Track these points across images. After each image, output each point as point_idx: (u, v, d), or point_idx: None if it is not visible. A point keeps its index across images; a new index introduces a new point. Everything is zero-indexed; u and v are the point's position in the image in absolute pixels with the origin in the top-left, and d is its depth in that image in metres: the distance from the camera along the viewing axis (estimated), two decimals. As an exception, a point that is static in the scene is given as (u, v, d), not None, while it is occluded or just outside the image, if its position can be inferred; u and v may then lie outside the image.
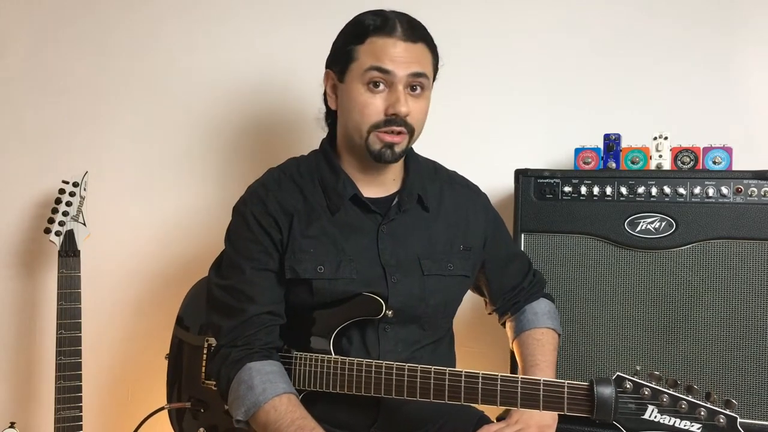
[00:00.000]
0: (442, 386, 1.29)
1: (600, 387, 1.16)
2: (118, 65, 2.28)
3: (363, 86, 1.38)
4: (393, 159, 1.41)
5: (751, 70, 1.91)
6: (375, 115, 1.37)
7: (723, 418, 1.13)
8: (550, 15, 2.03)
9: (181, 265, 2.22)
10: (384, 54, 1.36)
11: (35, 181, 2.25)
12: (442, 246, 1.49)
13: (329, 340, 1.39)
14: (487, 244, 1.56)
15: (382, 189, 1.49)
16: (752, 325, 1.58)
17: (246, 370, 1.34)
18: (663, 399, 1.15)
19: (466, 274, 1.51)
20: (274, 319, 1.41)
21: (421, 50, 1.40)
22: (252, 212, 1.44)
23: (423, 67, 1.39)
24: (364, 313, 1.39)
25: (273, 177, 1.50)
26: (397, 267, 1.43)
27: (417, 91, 1.39)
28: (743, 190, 1.58)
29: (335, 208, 1.44)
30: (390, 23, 1.38)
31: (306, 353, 1.39)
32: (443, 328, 1.53)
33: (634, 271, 1.66)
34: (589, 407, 1.17)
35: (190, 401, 1.61)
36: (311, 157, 1.53)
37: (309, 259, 1.41)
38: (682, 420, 1.14)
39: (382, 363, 1.33)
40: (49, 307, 2.14)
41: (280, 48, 2.20)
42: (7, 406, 2.27)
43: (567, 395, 1.20)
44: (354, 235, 1.44)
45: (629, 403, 1.16)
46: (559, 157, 1.98)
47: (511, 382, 1.25)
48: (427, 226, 1.49)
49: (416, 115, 1.40)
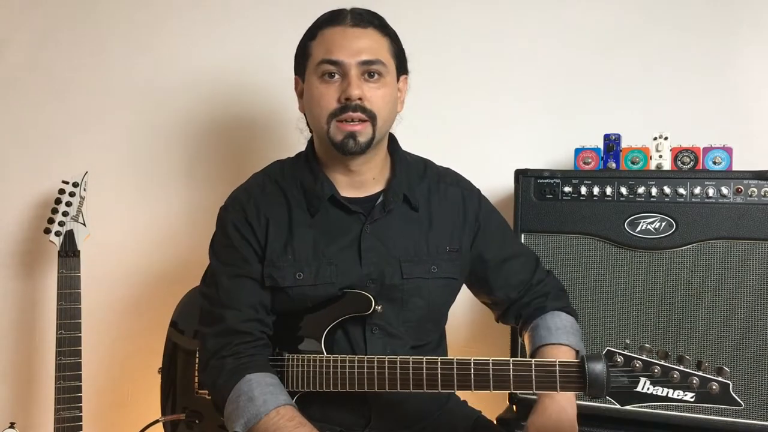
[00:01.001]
0: (434, 375, 1.27)
1: (591, 363, 1.16)
2: (118, 65, 2.28)
3: (318, 79, 1.38)
4: (358, 149, 1.37)
5: (751, 71, 1.91)
6: (329, 104, 1.36)
7: (716, 384, 1.13)
8: (550, 15, 2.03)
9: (181, 265, 2.22)
10: (332, 44, 1.36)
11: (35, 181, 2.25)
12: (428, 248, 1.45)
13: (320, 341, 1.38)
14: (476, 241, 1.50)
15: (363, 189, 1.46)
16: (752, 325, 1.58)
17: (246, 381, 1.32)
18: (655, 370, 1.15)
19: (453, 277, 1.47)
20: (256, 327, 1.39)
21: (371, 36, 1.38)
22: (231, 219, 1.44)
23: (375, 53, 1.37)
24: (353, 310, 1.38)
25: (257, 181, 1.49)
26: (376, 270, 1.41)
27: (374, 78, 1.37)
28: (743, 190, 1.58)
29: (314, 210, 1.43)
30: (340, 15, 1.39)
31: (297, 354, 1.39)
32: (432, 332, 1.50)
33: (634, 271, 1.65)
34: (582, 383, 1.17)
35: (185, 413, 1.60)
36: (295, 160, 1.52)
37: (288, 266, 1.40)
38: (674, 390, 1.14)
39: (374, 357, 1.32)
40: (49, 307, 2.14)
41: (281, 49, 2.19)
42: (7, 406, 2.27)
43: (559, 373, 1.20)
44: (335, 237, 1.42)
45: (621, 376, 1.16)
46: (559, 157, 1.98)
47: (503, 365, 1.24)
48: (415, 226, 1.46)
49: (375, 101, 1.36)
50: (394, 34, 1.44)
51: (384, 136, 1.43)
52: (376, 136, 1.38)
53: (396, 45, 1.43)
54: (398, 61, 1.44)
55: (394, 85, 1.42)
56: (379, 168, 1.47)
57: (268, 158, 1.59)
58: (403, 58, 1.46)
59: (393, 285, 1.41)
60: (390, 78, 1.40)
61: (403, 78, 1.47)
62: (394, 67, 1.42)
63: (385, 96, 1.38)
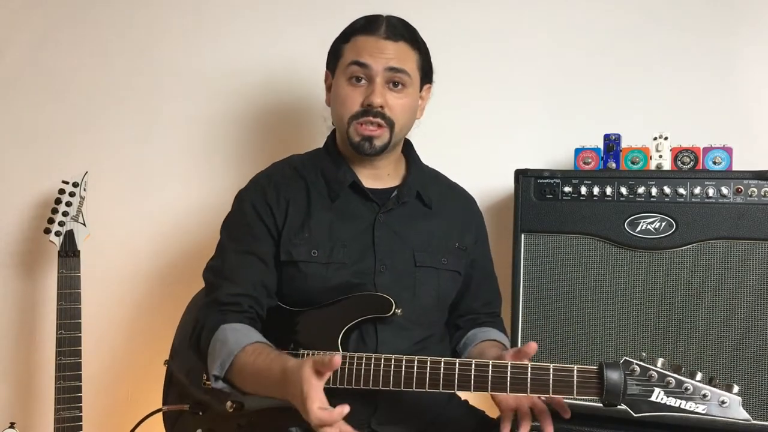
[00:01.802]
0: (451, 376, 1.27)
1: (609, 371, 1.19)
2: (118, 65, 2.28)
3: (346, 80, 1.47)
4: (373, 151, 1.45)
5: (751, 70, 1.91)
6: (353, 106, 1.45)
7: (726, 399, 1.17)
8: (550, 15, 2.03)
9: (182, 265, 2.22)
10: (364, 50, 1.44)
11: (35, 181, 2.25)
12: (438, 240, 1.52)
13: (338, 340, 1.39)
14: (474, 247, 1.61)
15: (380, 182, 1.53)
16: (752, 326, 1.58)
17: (221, 330, 1.37)
18: (669, 382, 1.18)
19: (458, 271, 1.55)
20: (247, 301, 1.42)
21: (401, 48, 1.46)
22: (250, 199, 1.49)
23: (402, 63, 1.45)
24: (373, 311, 1.40)
25: (278, 168, 1.56)
26: (389, 256, 1.46)
27: (398, 87, 1.46)
28: (743, 190, 1.58)
29: (335, 195, 1.49)
30: (375, 24, 1.46)
31: (313, 350, 1.40)
32: (436, 324, 1.54)
33: (634, 271, 1.65)
34: (599, 390, 1.19)
35: (189, 404, 1.60)
36: (314, 153, 1.60)
37: (304, 243, 1.44)
38: (687, 402, 1.17)
39: (391, 356, 1.31)
40: (49, 307, 2.14)
41: (282, 48, 2.20)
42: (7, 406, 2.27)
43: (577, 379, 1.21)
44: (351, 222, 1.48)
45: (637, 386, 1.19)
46: (559, 157, 1.98)
47: (521, 369, 1.24)
48: (426, 220, 1.53)
49: (396, 109, 1.45)
50: (424, 47, 1.52)
51: (400, 140, 1.53)
52: (392, 141, 1.47)
53: (424, 58, 1.52)
54: (423, 73, 1.53)
55: (416, 96, 1.51)
56: (394, 165, 1.56)
57: (269, 158, 1.60)
58: (430, 70, 1.55)
59: (406, 271, 1.46)
60: (413, 89, 1.49)
61: (426, 87, 1.56)
62: (418, 78, 1.51)
63: (405, 105, 1.47)
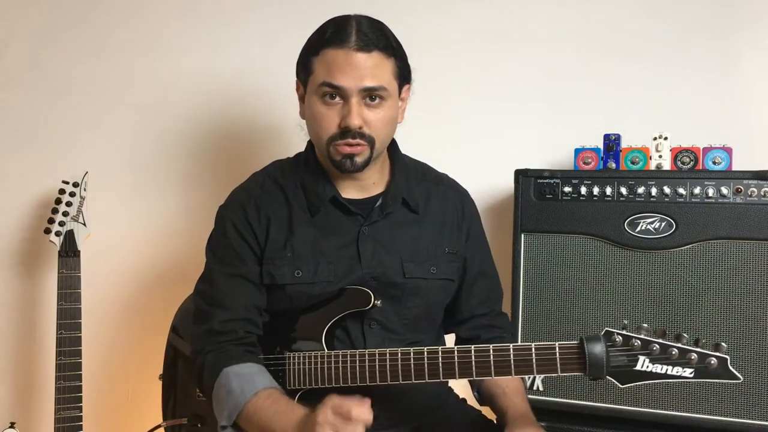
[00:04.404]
0: (435, 363, 1.28)
1: (590, 344, 1.17)
2: (117, 66, 2.28)
3: (319, 99, 1.37)
4: (354, 169, 1.38)
5: (751, 71, 1.91)
6: (330, 128, 1.36)
7: (714, 360, 1.14)
8: (550, 15, 2.03)
9: (182, 265, 2.22)
10: (335, 68, 1.33)
11: (35, 181, 2.24)
12: (427, 249, 1.47)
13: (321, 338, 1.39)
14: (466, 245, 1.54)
15: (365, 191, 1.47)
16: (752, 326, 1.58)
17: (224, 375, 1.33)
18: (653, 348, 1.16)
19: (451, 278, 1.50)
20: (243, 326, 1.40)
21: (376, 60, 1.35)
22: (230, 218, 1.45)
23: (377, 79, 1.35)
24: (353, 305, 1.39)
25: (257, 181, 1.50)
26: (376, 269, 1.42)
27: (375, 101, 1.36)
28: (743, 190, 1.58)
29: (315, 210, 1.44)
30: (344, 33, 1.34)
31: (298, 352, 1.39)
32: (427, 329, 1.51)
33: (633, 271, 1.65)
34: (582, 365, 1.18)
35: (187, 417, 1.60)
36: (294, 160, 1.53)
37: (287, 264, 1.41)
38: (674, 367, 1.15)
39: (375, 350, 1.32)
40: (49, 307, 2.14)
41: (280, 50, 2.20)
42: (7, 406, 2.27)
43: (559, 356, 1.20)
44: (334, 237, 1.43)
45: (620, 356, 1.17)
46: (559, 157, 1.98)
47: (503, 351, 1.24)
48: (413, 227, 1.48)
49: (375, 125, 1.36)
50: (399, 50, 1.41)
51: (382, 152, 1.45)
52: (373, 155, 1.39)
53: (400, 61, 1.41)
54: (401, 78, 1.42)
55: (395, 106, 1.42)
56: (379, 173, 1.48)
57: (268, 159, 1.60)
58: (407, 71, 1.45)
59: (394, 283, 1.43)
60: (392, 100, 1.40)
61: (405, 88, 1.46)
62: (396, 86, 1.41)
63: (384, 118, 1.38)
